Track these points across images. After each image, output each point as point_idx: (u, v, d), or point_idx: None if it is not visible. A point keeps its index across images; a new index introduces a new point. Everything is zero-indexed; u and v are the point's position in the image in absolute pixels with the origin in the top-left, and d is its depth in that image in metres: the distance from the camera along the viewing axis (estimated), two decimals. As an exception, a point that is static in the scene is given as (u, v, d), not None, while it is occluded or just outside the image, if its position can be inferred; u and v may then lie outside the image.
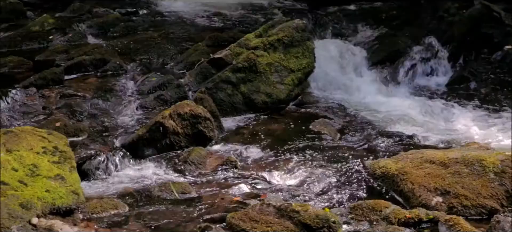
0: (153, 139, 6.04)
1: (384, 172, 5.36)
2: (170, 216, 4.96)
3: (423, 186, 5.06)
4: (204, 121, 6.15)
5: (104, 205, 5.05)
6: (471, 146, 5.73)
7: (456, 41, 8.36)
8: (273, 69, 7.09)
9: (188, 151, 5.94)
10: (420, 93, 7.72)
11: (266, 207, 4.67)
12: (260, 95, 6.99)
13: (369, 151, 6.11)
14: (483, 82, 7.83)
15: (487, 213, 4.85)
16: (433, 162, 5.24)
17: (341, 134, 6.56)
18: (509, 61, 8.08)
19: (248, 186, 5.45)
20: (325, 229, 4.50)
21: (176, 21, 9.62)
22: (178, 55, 8.07)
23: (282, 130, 6.61)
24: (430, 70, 8.17)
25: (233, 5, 10.29)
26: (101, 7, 9.85)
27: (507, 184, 4.95)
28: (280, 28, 7.31)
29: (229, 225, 4.64)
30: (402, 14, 9.33)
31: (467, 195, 4.93)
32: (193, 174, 5.71)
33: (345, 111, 7.11)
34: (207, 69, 7.19)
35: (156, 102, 6.94)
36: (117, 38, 8.81)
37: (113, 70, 7.71)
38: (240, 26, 9.28)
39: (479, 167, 5.07)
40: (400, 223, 4.67)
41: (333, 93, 7.58)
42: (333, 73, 7.90)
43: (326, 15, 9.66)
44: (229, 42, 7.82)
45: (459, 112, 7.18)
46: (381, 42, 8.55)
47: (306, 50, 7.25)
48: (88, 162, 5.67)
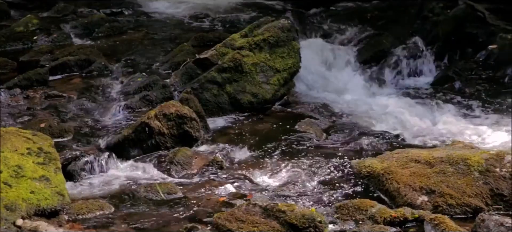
0: (139, 139, 6.03)
1: (370, 171, 5.37)
2: (156, 217, 4.95)
3: (409, 185, 5.08)
4: (189, 121, 6.14)
5: (90, 206, 5.03)
6: (456, 145, 5.76)
7: (441, 40, 8.40)
8: (259, 69, 7.09)
9: (174, 151, 5.93)
10: (405, 93, 7.75)
11: (252, 207, 4.67)
12: (246, 95, 6.99)
13: (355, 151, 6.13)
14: (468, 81, 7.87)
15: (472, 211, 4.88)
16: (418, 161, 5.26)
17: (327, 133, 6.57)
18: (493, 60, 8.13)
19: (234, 186, 5.45)
20: (311, 229, 4.50)
21: (162, 21, 9.60)
22: (164, 56, 8.06)
23: (268, 130, 6.61)
24: (415, 70, 8.21)
25: (218, 5, 10.28)
26: (86, 8, 9.81)
27: (491, 182, 4.98)
28: (266, 28, 7.31)
29: (215, 225, 4.64)
30: (387, 14, 9.36)
31: (452, 194, 4.96)
32: (179, 175, 5.70)
33: (330, 111, 7.13)
34: (193, 70, 7.18)
35: (141, 102, 6.92)
36: (102, 39, 8.78)
37: (98, 71, 7.68)
38: (225, 26, 9.28)
39: (463, 166, 5.10)
40: (385, 222, 4.69)
41: (318, 93, 7.59)
42: (318, 73, 7.91)
43: (311, 15, 9.68)
44: (214, 42, 7.82)
45: (444, 112, 7.22)
46: (366, 42, 8.57)
47: (291, 50, 7.26)
48: (73, 163, 5.64)
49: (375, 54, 8.32)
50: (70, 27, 9.05)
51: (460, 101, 7.47)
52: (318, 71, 7.94)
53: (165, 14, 9.94)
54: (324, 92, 7.61)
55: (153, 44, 8.55)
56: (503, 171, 5.01)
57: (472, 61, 8.22)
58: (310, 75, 7.77)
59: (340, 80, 7.91)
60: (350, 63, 8.22)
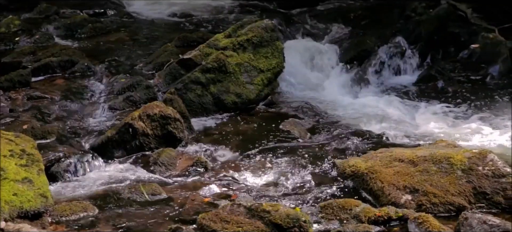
0: (123, 140, 6.01)
1: (354, 171, 5.39)
2: (140, 218, 4.93)
3: (393, 184, 5.11)
4: (173, 121, 6.12)
5: (73, 207, 5.01)
6: (439, 144, 5.79)
7: (424, 40, 8.45)
8: (243, 69, 7.09)
9: (158, 152, 5.91)
10: (389, 92, 7.78)
11: (236, 208, 4.67)
12: (230, 95, 6.99)
13: (339, 150, 6.14)
14: (450, 80, 7.92)
15: (455, 210, 4.91)
16: (402, 160, 5.29)
17: (311, 133, 6.58)
18: (475, 59, 8.19)
19: (218, 186, 5.44)
20: (295, 228, 4.51)
21: (145, 22, 9.58)
22: (147, 56, 8.03)
23: (252, 130, 6.61)
24: (399, 69, 8.25)
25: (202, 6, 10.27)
26: (68, 8, 9.75)
27: (474, 181, 5.01)
28: (249, 29, 7.31)
29: (200, 225, 4.63)
30: (370, 13, 9.40)
31: (436, 193, 4.98)
32: (163, 175, 5.69)
33: (314, 111, 7.14)
34: (177, 70, 7.17)
35: (125, 103, 6.90)
36: (85, 40, 8.74)
37: (81, 72, 7.64)
38: (209, 27, 9.27)
39: (447, 165, 5.13)
40: (370, 222, 4.70)
41: (302, 93, 7.61)
42: (302, 73, 7.92)
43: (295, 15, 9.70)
44: (198, 42, 7.80)
45: (427, 111, 7.26)
46: (350, 42, 8.60)
47: (275, 50, 7.27)
48: (57, 164, 5.61)
49: (358, 54, 8.34)
50: (53, 28, 8.99)
51: (443, 100, 7.51)
52: (302, 71, 7.95)
53: (148, 15, 9.91)
54: (308, 92, 7.63)
55: (136, 44, 8.52)
56: (486, 169, 5.04)
57: (455, 61, 8.27)
58: (294, 75, 7.78)
59: (324, 80, 7.93)
60: (334, 63, 8.24)
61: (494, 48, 8.13)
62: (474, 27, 8.60)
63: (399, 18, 9.04)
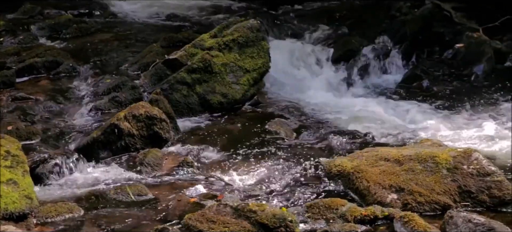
0: (108, 141, 5.98)
1: (340, 170, 5.40)
2: (127, 218, 4.92)
3: (378, 184, 5.12)
4: (159, 122, 6.11)
5: (59, 209, 4.98)
6: (424, 143, 5.81)
7: (409, 40, 8.49)
8: (229, 69, 7.09)
9: (144, 152, 5.90)
10: (374, 92, 7.81)
11: (223, 208, 4.67)
12: (216, 95, 6.98)
13: (325, 150, 6.16)
14: (435, 80, 7.96)
15: (440, 208, 4.93)
16: (388, 160, 5.30)
17: (297, 133, 6.59)
18: (459, 59, 8.24)
19: (204, 186, 5.44)
20: (282, 228, 4.51)
21: (130, 22, 9.55)
22: (133, 57, 8.01)
23: (238, 130, 6.61)
24: (384, 69, 8.28)
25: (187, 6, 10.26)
26: (53, 9, 9.70)
27: (459, 180, 5.04)
28: (235, 29, 7.31)
29: (186, 226, 4.63)
30: (356, 13, 9.44)
31: (421, 192, 5.00)
32: (150, 176, 5.67)
33: (300, 111, 7.15)
34: (162, 70, 7.15)
35: (110, 104, 6.87)
36: (70, 40, 8.70)
37: (66, 72, 7.61)
38: (194, 27, 9.26)
39: (432, 164, 5.15)
40: (356, 221, 4.71)
41: (288, 93, 7.62)
42: (288, 73, 7.94)
43: (280, 15, 9.71)
44: (184, 43, 7.79)
45: (412, 110, 7.29)
46: (335, 42, 8.62)
47: (261, 50, 7.27)
48: (42, 165, 5.58)
49: (344, 53, 8.37)
50: (37, 29, 8.94)
51: (428, 99, 7.55)
52: (288, 71, 7.96)
53: (133, 15, 9.88)
54: (294, 92, 7.64)
55: (121, 45, 8.49)
56: (471, 168, 5.07)
57: (440, 60, 8.32)
58: (279, 75, 7.79)
59: (309, 80, 7.95)
60: (320, 62, 8.26)
61: (478, 48, 8.18)
62: (458, 26, 8.66)
63: (384, 18, 9.08)
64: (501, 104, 7.33)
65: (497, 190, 4.98)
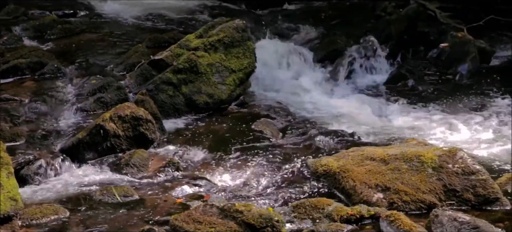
0: (94, 142, 5.96)
1: (326, 170, 5.41)
2: (113, 220, 4.90)
3: (364, 183, 5.14)
4: (145, 122, 6.09)
5: (44, 210, 4.95)
6: (410, 142, 5.84)
7: (394, 39, 8.52)
8: (214, 69, 7.08)
9: (130, 153, 5.88)
10: (360, 91, 7.83)
11: (209, 208, 4.66)
12: (202, 96, 6.97)
13: (311, 149, 6.16)
14: (420, 79, 8.00)
15: (426, 207, 4.95)
16: (374, 159, 5.32)
17: (283, 133, 6.60)
18: (444, 58, 8.29)
19: (191, 187, 5.43)
20: (268, 228, 4.51)
21: (115, 22, 9.51)
22: (118, 57, 7.98)
23: (224, 130, 6.61)
24: (369, 69, 8.31)
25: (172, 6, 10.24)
26: (37, 9, 9.64)
27: (444, 178, 5.06)
28: (221, 29, 7.30)
29: (173, 227, 4.62)
30: (341, 13, 9.46)
31: (407, 191, 5.02)
32: (135, 177, 5.65)
33: (286, 111, 7.16)
34: (148, 71, 7.13)
35: (96, 105, 6.84)
36: (54, 41, 8.64)
37: (51, 73, 7.56)
38: (180, 27, 9.24)
39: (417, 163, 5.18)
40: (342, 220, 4.72)
41: (274, 93, 7.62)
42: (274, 73, 7.94)
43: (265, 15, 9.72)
44: (169, 43, 7.77)
45: (398, 109, 7.32)
46: (321, 42, 8.64)
47: (247, 50, 7.27)
48: (27, 167, 5.54)
49: (329, 53, 8.39)
50: (21, 29, 8.88)
51: (413, 99, 7.58)
52: (274, 71, 7.97)
53: (118, 15, 9.84)
54: (280, 92, 7.65)
55: (107, 45, 8.45)
56: (456, 167, 5.10)
57: (425, 60, 8.37)
58: (265, 75, 7.79)
59: (295, 80, 7.96)
60: (305, 62, 8.28)
61: (463, 47, 8.23)
62: (443, 26, 8.71)
63: (369, 17, 9.11)
64: (485, 103, 7.37)
65: (482, 188, 5.01)
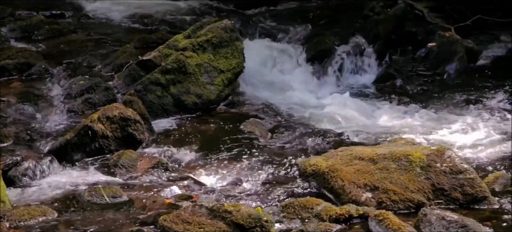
0: (82, 143, 5.94)
1: (315, 170, 5.42)
2: (101, 221, 4.89)
3: (353, 182, 5.15)
4: (134, 123, 6.08)
5: (32, 212, 4.93)
6: (398, 142, 5.86)
7: (382, 39, 8.54)
8: (203, 70, 7.08)
9: (118, 154, 5.86)
10: (348, 91, 7.84)
11: (198, 209, 4.66)
12: (190, 96, 6.97)
13: (300, 149, 6.17)
14: (408, 79, 8.03)
15: (414, 206, 4.97)
16: (362, 158, 5.33)
17: (272, 133, 6.60)
18: (432, 58, 8.32)
19: (180, 187, 5.42)
20: (257, 228, 4.52)
21: (103, 23, 9.48)
22: (106, 58, 7.95)
23: (213, 130, 6.60)
24: (357, 68, 8.32)
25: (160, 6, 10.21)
26: (24, 10, 9.59)
27: (432, 178, 5.08)
28: (209, 29, 7.30)
29: (162, 227, 4.61)
30: (329, 13, 9.47)
31: (395, 190, 5.04)
32: (124, 177, 5.64)
33: (275, 111, 7.16)
34: (136, 71, 7.12)
35: (84, 106, 6.82)
36: (42, 42, 8.60)
37: (39, 74, 7.53)
38: (168, 28, 9.22)
39: (406, 162, 5.19)
40: (331, 220, 4.73)
41: (263, 93, 7.62)
42: (262, 73, 7.94)
43: (254, 15, 9.71)
44: (157, 43, 7.75)
45: (386, 109, 7.34)
46: (309, 42, 8.64)
47: (235, 50, 7.26)
48: (14, 168, 5.52)
49: (318, 53, 8.39)
50: (8, 30, 8.83)
51: (402, 98, 7.60)
52: (262, 71, 7.97)
53: (106, 16, 9.81)
54: (269, 92, 7.65)
55: (94, 46, 8.42)
56: (444, 166, 5.12)
57: (412, 59, 8.40)
58: (254, 75, 7.79)
59: (284, 80, 7.96)
60: (294, 62, 8.28)
61: (451, 47, 8.27)
62: (431, 26, 8.74)
63: (357, 17, 9.13)
64: (473, 102, 7.41)
65: (469, 187, 5.03)
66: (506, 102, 7.35)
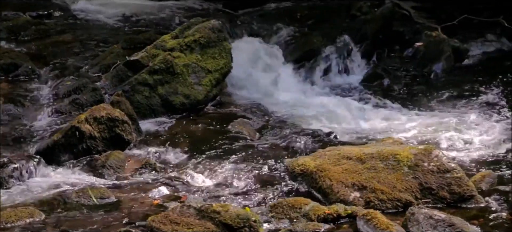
0: (69, 144, 5.92)
1: (303, 170, 5.43)
2: (89, 222, 4.87)
3: (341, 182, 5.16)
4: (121, 124, 6.06)
5: (19, 213, 4.90)
6: (386, 141, 5.88)
7: (369, 39, 8.57)
8: (191, 70, 7.07)
9: (106, 155, 5.84)
10: (336, 91, 7.87)
11: (186, 209, 4.65)
12: (178, 96, 6.96)
13: (288, 149, 6.18)
14: (396, 78, 8.06)
15: (402, 206, 4.99)
16: (350, 158, 5.34)
17: (260, 133, 6.60)
18: (419, 57, 8.36)
19: (168, 188, 5.41)
20: (246, 228, 4.52)
21: (90, 23, 9.45)
22: (93, 58, 7.93)
23: (201, 130, 6.60)
24: (345, 68, 8.34)
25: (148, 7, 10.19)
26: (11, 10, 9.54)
27: (420, 177, 5.10)
28: (196, 29, 7.29)
29: (150, 228, 4.60)
30: (317, 13, 9.49)
31: (383, 189, 5.06)
32: (112, 178, 5.62)
33: (263, 111, 7.17)
34: (124, 72, 7.10)
35: (71, 106, 6.79)
36: (28, 42, 8.56)
37: (25, 75, 7.50)
38: (156, 28, 9.20)
39: (393, 162, 5.21)
40: (319, 220, 4.74)
41: (251, 93, 7.62)
42: (250, 73, 7.94)
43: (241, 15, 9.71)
44: (145, 44, 7.74)
45: (373, 109, 7.36)
46: (297, 42, 8.66)
47: (223, 50, 7.26)
48: (1, 170, 5.49)
49: (305, 53, 8.41)
50: (-6, 31, 8.80)
51: (389, 98, 7.63)
52: (250, 71, 7.97)
53: (94, 16, 9.78)
54: (257, 92, 7.65)
55: (82, 46, 8.39)
56: (431, 165, 5.14)
57: (399, 59, 8.43)
58: (242, 75, 7.79)
59: (272, 80, 7.96)
60: (282, 62, 8.28)
61: (437, 46, 8.31)
62: (417, 26, 8.78)
63: (345, 17, 9.15)
64: (460, 101, 7.45)
65: (457, 186, 5.06)
66: (492, 101, 7.40)
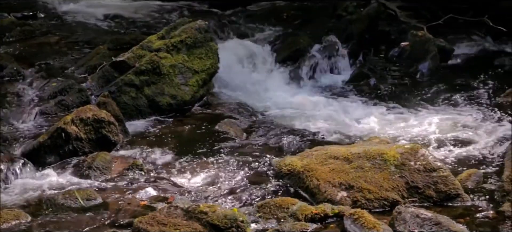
0: (55, 145, 5.89)
1: (290, 169, 5.43)
2: (76, 224, 4.85)
3: (328, 182, 5.17)
4: (108, 125, 6.04)
5: (5, 215, 4.87)
6: (372, 140, 5.89)
7: (355, 39, 8.59)
8: (177, 70, 7.06)
9: (93, 156, 5.82)
10: (323, 91, 7.88)
11: (174, 210, 4.64)
12: (165, 97, 6.94)
13: (275, 149, 6.18)
14: (382, 78, 8.08)
15: (389, 205, 5.01)
16: (337, 158, 5.36)
17: (247, 133, 6.60)
18: (405, 57, 8.38)
19: (155, 189, 5.40)
20: (233, 228, 4.52)
21: (76, 24, 9.41)
22: (79, 59, 7.90)
23: (188, 131, 6.59)
24: (331, 68, 8.36)
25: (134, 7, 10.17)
26: (-5, 12, 9.50)
27: (407, 176, 5.12)
28: (183, 30, 7.28)
29: (137, 229, 4.59)
30: (303, 13, 9.50)
31: (370, 189, 5.07)
32: (98, 180, 5.60)
33: (250, 111, 7.17)
34: (110, 73, 7.07)
35: (57, 108, 6.76)
36: (13, 43, 8.52)
37: (10, 76, 7.46)
38: (142, 29, 9.18)
39: (380, 161, 5.23)
40: (307, 219, 4.75)
41: (238, 93, 7.62)
42: (237, 74, 7.94)
43: (228, 15, 9.71)
44: (131, 44, 7.71)
45: (360, 108, 7.38)
46: (283, 42, 8.67)
47: (209, 51, 7.26)
48: (-14, 172, 5.46)
49: (292, 53, 8.41)
50: (-21, 32, 8.74)
51: (375, 97, 7.65)
52: (237, 71, 7.97)
53: (79, 17, 9.74)
54: (243, 92, 7.65)
55: (67, 47, 8.36)
56: (417, 164, 5.16)
57: (386, 58, 8.46)
58: (229, 75, 7.78)
59: (258, 80, 7.97)
60: (268, 62, 8.29)
61: (423, 46, 8.34)
62: (403, 25, 8.81)
63: (331, 17, 9.17)
64: (446, 100, 7.48)
65: (443, 185, 5.08)
66: (477, 100, 7.44)
